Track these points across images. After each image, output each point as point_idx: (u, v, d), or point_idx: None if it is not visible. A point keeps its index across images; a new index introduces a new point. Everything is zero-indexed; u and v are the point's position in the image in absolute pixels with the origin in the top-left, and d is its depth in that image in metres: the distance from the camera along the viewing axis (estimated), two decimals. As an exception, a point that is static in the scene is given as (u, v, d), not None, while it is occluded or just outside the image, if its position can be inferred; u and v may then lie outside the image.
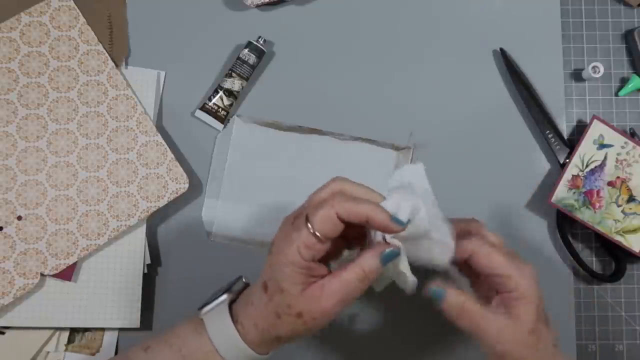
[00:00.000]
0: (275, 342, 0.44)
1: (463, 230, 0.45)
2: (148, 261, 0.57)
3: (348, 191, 0.43)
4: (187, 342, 0.44)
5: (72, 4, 0.58)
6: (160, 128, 0.59)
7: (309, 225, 0.41)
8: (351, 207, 0.41)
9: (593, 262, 0.59)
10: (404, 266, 0.43)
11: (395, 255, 0.42)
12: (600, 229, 0.56)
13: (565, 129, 0.59)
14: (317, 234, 0.41)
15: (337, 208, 0.41)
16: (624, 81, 0.60)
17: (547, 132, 0.58)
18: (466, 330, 0.42)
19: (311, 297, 0.41)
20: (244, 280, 0.46)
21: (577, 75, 0.60)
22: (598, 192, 0.56)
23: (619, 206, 0.56)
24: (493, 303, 0.43)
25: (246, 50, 0.58)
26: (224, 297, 0.45)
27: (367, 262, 0.42)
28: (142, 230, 0.57)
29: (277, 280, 0.42)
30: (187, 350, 0.44)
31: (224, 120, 0.59)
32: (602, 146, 0.56)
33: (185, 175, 0.57)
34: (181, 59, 0.60)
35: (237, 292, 0.46)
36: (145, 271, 0.57)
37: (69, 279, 0.56)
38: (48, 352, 0.56)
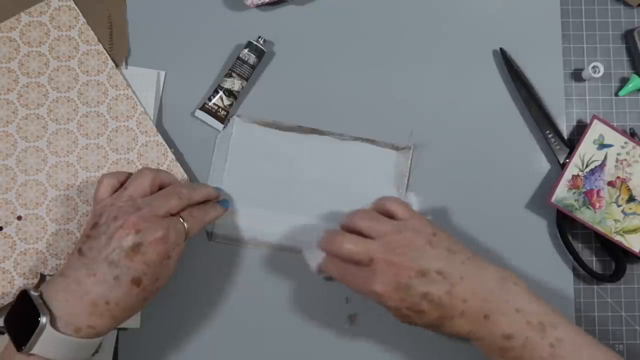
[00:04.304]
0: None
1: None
2: (148, 261, 0.57)
3: (190, 193, 0.52)
4: None
5: (72, 4, 0.58)
6: (160, 128, 0.59)
7: (187, 235, 0.50)
8: (210, 217, 0.54)
9: (593, 262, 0.59)
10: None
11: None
12: (600, 229, 0.56)
13: (565, 129, 0.59)
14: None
15: (208, 218, 0.53)
16: (624, 81, 0.60)
17: (547, 132, 0.58)
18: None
19: (169, 275, 0.50)
20: (32, 292, 0.45)
21: (577, 75, 0.60)
22: (598, 192, 0.56)
23: (619, 206, 0.56)
24: None
25: (246, 50, 0.58)
26: (44, 320, 0.43)
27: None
28: (142, 230, 0.57)
29: (157, 275, 0.47)
30: None
31: (224, 120, 0.59)
32: (602, 146, 0.56)
33: (185, 175, 0.57)
34: (181, 59, 0.60)
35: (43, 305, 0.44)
36: (145, 271, 0.57)
37: (69, 279, 0.56)
38: (48, 352, 0.56)
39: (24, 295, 0.45)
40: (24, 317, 0.44)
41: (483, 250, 0.58)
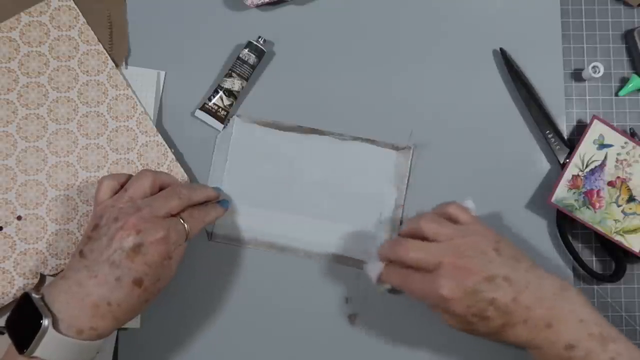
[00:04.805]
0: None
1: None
2: (148, 261, 0.57)
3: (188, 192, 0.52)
4: None
5: (72, 4, 0.58)
6: (160, 128, 0.59)
7: (187, 235, 0.50)
8: (210, 217, 0.54)
9: (593, 262, 0.59)
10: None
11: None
12: (600, 229, 0.56)
13: (565, 129, 0.59)
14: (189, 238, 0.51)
15: (209, 219, 0.53)
16: (624, 81, 0.60)
17: (547, 132, 0.58)
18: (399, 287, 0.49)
19: (171, 276, 0.50)
20: (34, 295, 0.45)
21: (577, 75, 0.60)
22: (598, 192, 0.56)
23: (619, 206, 0.56)
24: None
25: (246, 50, 0.58)
26: (46, 322, 0.43)
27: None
28: (142, 230, 0.57)
29: (158, 275, 0.48)
30: None
31: (224, 120, 0.59)
32: (602, 146, 0.56)
33: (185, 175, 0.57)
34: (181, 59, 0.60)
35: (44, 307, 0.44)
36: (145, 271, 0.57)
37: (69, 279, 0.56)
38: (48, 352, 0.56)
39: (25, 297, 0.45)
40: (26, 319, 0.44)
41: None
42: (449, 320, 0.47)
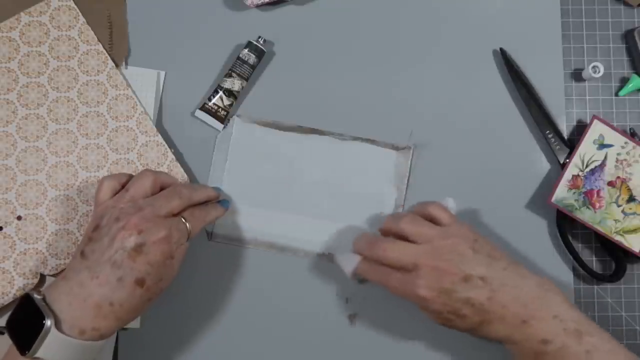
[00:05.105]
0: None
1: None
2: (148, 261, 0.57)
3: (191, 194, 0.52)
4: None
5: (72, 4, 0.58)
6: (160, 128, 0.59)
7: (189, 234, 0.50)
8: (211, 217, 0.54)
9: (593, 262, 0.59)
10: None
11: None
12: (600, 229, 0.56)
13: (565, 129, 0.59)
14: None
15: (209, 218, 0.54)
16: (624, 81, 0.60)
17: (547, 132, 0.58)
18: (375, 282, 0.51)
19: (173, 275, 0.50)
20: (35, 295, 0.45)
21: (577, 75, 0.60)
22: (598, 192, 0.56)
23: (619, 206, 0.56)
24: None
25: (246, 50, 0.58)
26: (49, 323, 0.43)
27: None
28: (142, 230, 0.57)
29: (161, 275, 0.47)
30: None
31: (224, 120, 0.59)
32: (602, 146, 0.56)
33: (185, 175, 0.57)
34: (181, 59, 0.60)
35: (46, 307, 0.44)
36: (145, 271, 0.57)
37: (69, 279, 0.56)
38: (48, 352, 0.56)
39: (26, 298, 0.45)
40: (27, 320, 0.44)
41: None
42: (429, 315, 0.49)
